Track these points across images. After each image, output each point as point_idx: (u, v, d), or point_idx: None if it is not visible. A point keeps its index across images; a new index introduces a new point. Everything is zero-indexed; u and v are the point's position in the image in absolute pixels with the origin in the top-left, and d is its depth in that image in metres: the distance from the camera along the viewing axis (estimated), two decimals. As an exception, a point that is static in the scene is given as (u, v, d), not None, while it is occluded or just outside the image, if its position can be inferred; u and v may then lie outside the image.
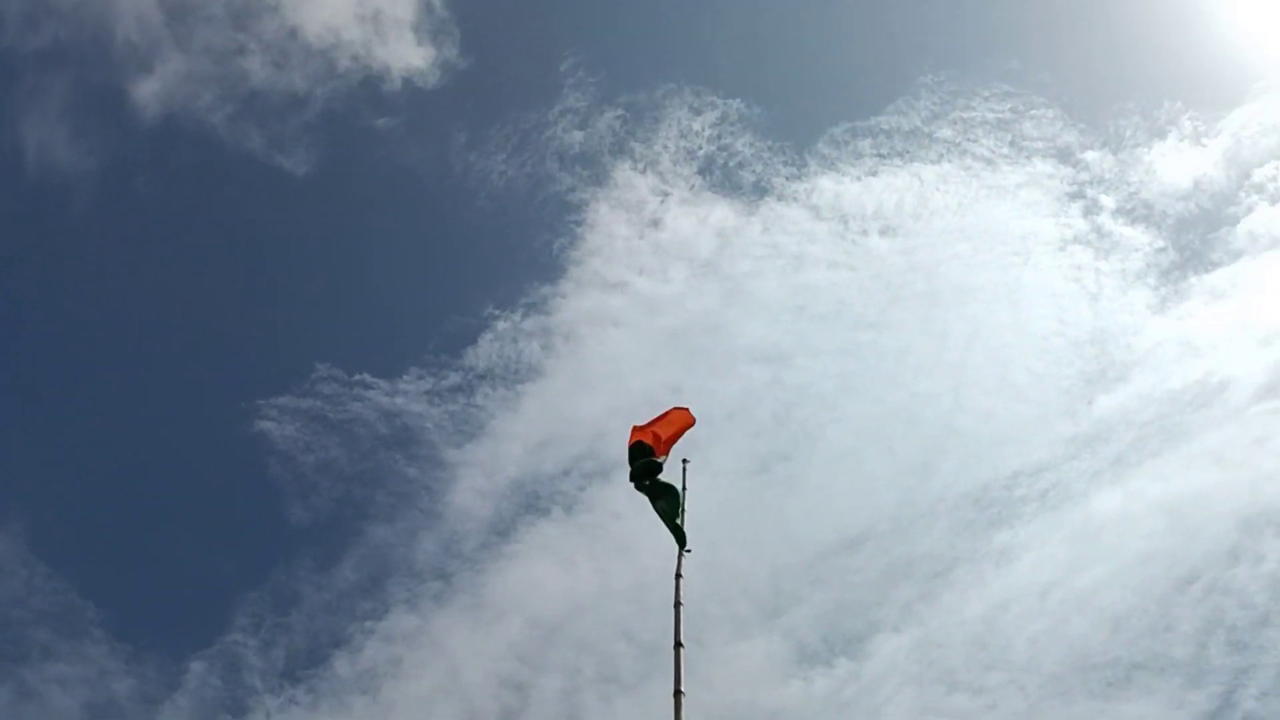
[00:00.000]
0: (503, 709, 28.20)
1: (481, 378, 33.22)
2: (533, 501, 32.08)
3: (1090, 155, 36.04)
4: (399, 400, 32.27)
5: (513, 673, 28.61)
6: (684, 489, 12.77)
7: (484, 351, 33.48)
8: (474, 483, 32.07)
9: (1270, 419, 31.00)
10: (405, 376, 32.82)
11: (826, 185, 36.03)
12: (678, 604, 10.95)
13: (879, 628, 29.39)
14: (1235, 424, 31.53)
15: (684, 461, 13.19)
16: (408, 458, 32.29)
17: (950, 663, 28.49)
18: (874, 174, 36.34)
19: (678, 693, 9.83)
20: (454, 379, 33.01)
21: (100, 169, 32.51)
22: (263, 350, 35.72)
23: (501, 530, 31.53)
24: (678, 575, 11.37)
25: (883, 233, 36.06)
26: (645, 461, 11.86)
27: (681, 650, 10.29)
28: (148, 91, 31.75)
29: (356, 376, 32.19)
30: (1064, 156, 36.11)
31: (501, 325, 33.93)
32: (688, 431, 13.03)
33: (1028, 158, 36.12)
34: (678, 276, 35.69)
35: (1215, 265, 34.56)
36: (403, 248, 36.79)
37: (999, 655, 28.63)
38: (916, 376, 35.00)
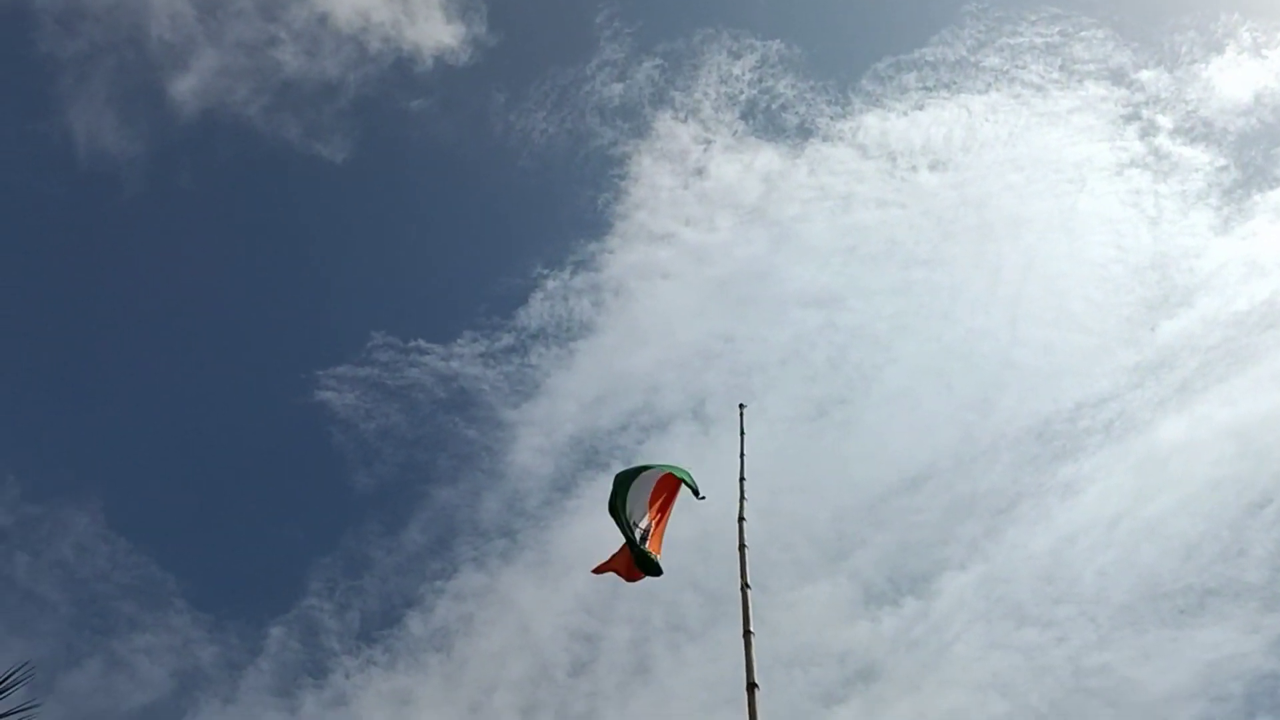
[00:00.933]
0: (574, 660, 28.72)
1: (534, 337, 33.48)
2: (592, 457, 32.40)
3: (1145, 75, 35.10)
4: (454, 364, 32.66)
5: (582, 625, 29.09)
6: (742, 434, 12.83)
7: (535, 311, 33.71)
8: (533, 441, 32.45)
9: (1342, 336, 30.20)
10: (459, 340, 33.19)
11: (872, 123, 35.49)
12: (742, 547, 11.08)
13: (945, 566, 29.41)
14: (1304, 343, 30.80)
15: (740, 406, 13.23)
16: (466, 420, 32.76)
17: (1018, 597, 28.46)
18: (920, 108, 35.71)
19: (747, 633, 9.99)
20: (507, 340, 33.32)
21: (146, 158, 33.00)
22: (318, 323, 36.33)
23: (563, 486, 31.93)
24: (740, 519, 11.49)
25: (932, 167, 35.49)
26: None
27: (749, 591, 10.44)
28: (185, 88, 32.06)
29: (411, 343, 32.58)
30: (1117, 78, 35.20)
31: (551, 284, 34.09)
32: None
33: (1079, 81, 35.25)
34: (724, 224, 35.53)
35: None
36: (449, 214, 37.08)
37: (1068, 588, 28.54)
38: (972, 312, 34.63)
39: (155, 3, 31.96)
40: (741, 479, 12.11)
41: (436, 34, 33.57)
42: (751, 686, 9.21)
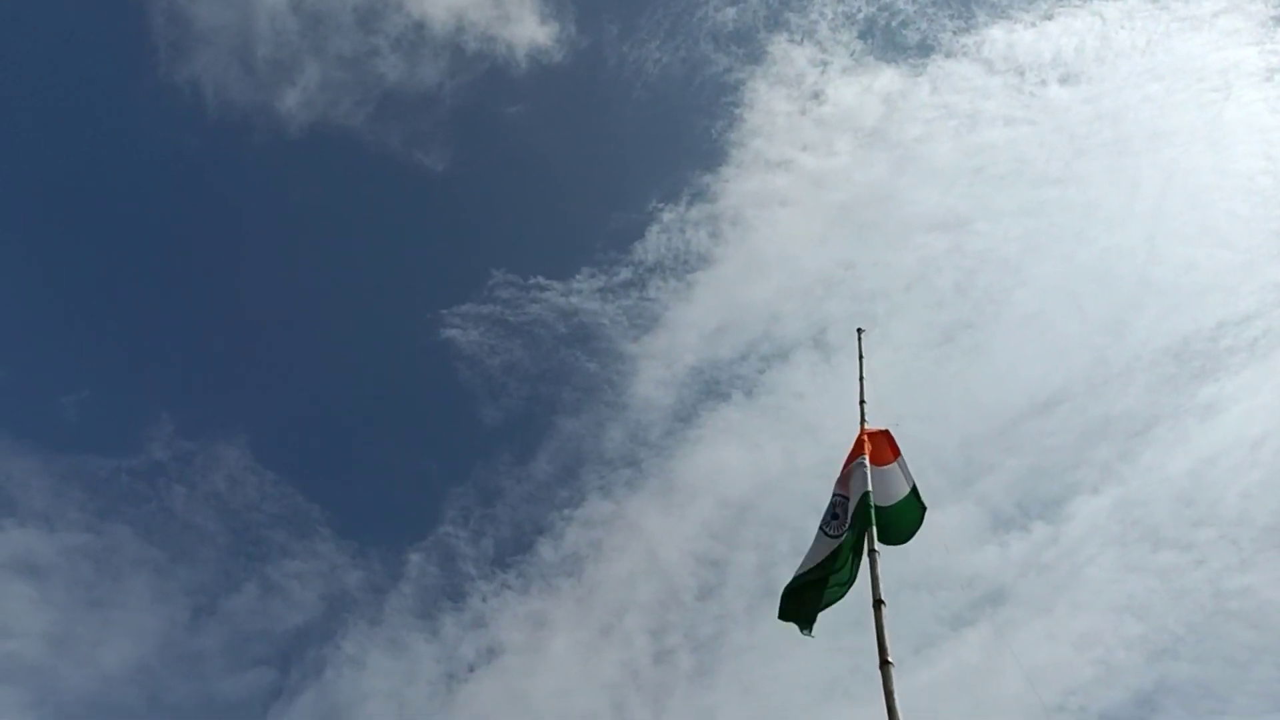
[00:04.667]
0: (701, 585, 29.48)
1: (652, 270, 33.82)
2: (713, 387, 32.78)
3: (1298, -30, 32.68)
4: (574, 299, 33.29)
5: (708, 551, 29.78)
6: (861, 358, 12.70)
7: (652, 245, 33.97)
8: (654, 373, 32.99)
9: None
10: (578, 276, 33.78)
11: (998, 35, 34.09)
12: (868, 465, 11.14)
13: (1077, 490, 28.94)
14: None
15: (859, 331, 13.12)
16: (588, 353, 33.47)
17: (1154, 520, 27.85)
18: (1049, 18, 34.09)
19: (872, 552, 10.22)
20: (625, 274, 33.73)
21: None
22: (441, 264, 37.40)
23: (684, 416, 32.45)
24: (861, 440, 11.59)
25: (1063, 81, 33.97)
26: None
27: (873, 511, 10.58)
28: (292, 102, 32.94)
29: (531, 280, 33.32)
30: (1267, -25, 32.90)
31: (668, 216, 34.25)
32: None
33: (1225, -19, 33.08)
34: (844, 149, 34.88)
35: None
36: (565, 150, 37.35)
37: (1207, 511, 27.74)
38: (1107, 231, 33.31)
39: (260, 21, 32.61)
40: (861, 402, 12.15)
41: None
42: (878, 604, 9.44)
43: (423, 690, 28.81)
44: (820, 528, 11.01)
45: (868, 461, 11.19)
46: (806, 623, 10.64)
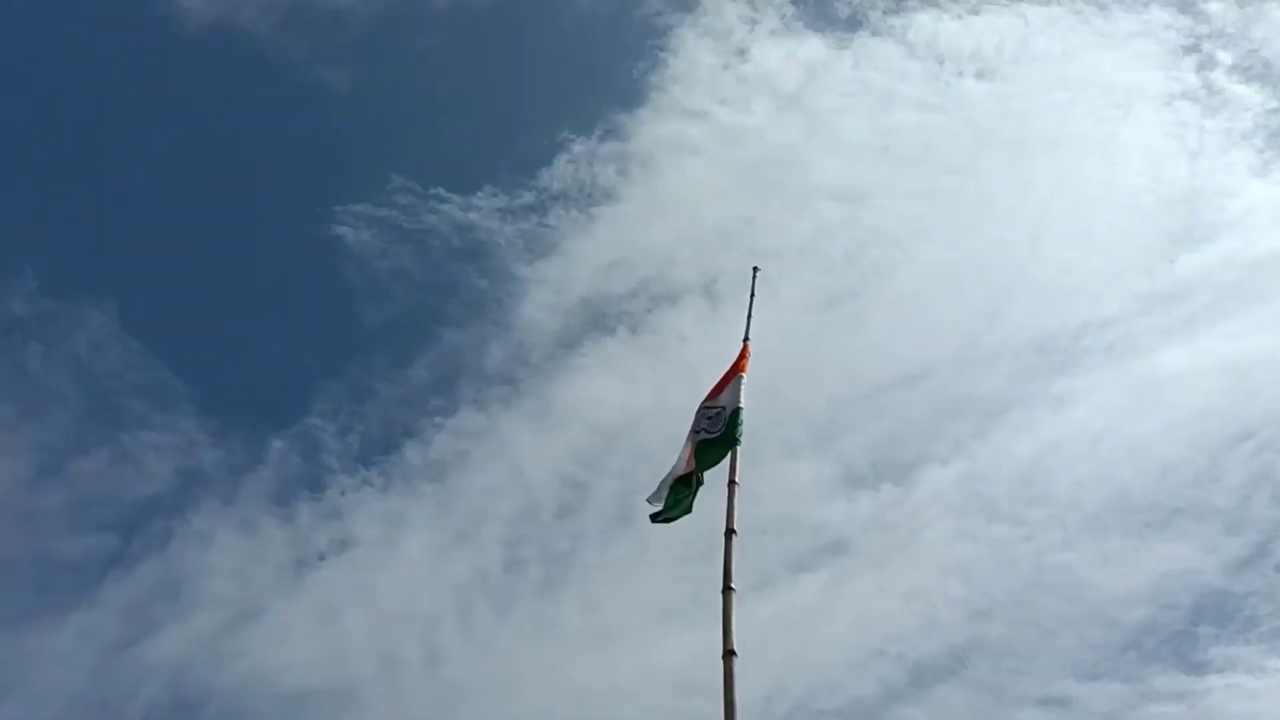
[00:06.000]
0: (561, 504, 30.13)
1: (555, 199, 33.73)
2: (600, 320, 33.17)
3: (1213, 6, 34.53)
4: (472, 215, 33.04)
5: (572, 473, 30.38)
6: (752, 296, 13.16)
7: (559, 173, 33.86)
8: (543, 298, 33.16)
9: (1353, 292, 30.53)
10: (479, 193, 33.46)
11: (925, 22, 34.94)
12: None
13: (928, 459, 30.40)
14: (1315, 292, 31.15)
15: (754, 269, 13.56)
16: (479, 270, 33.43)
17: (993, 495, 29.54)
18: (976, 12, 35.14)
19: (732, 482, 10.75)
20: (528, 198, 33.60)
21: None
22: (339, 159, 36.53)
23: (568, 344, 32.79)
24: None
25: (979, 75, 35.13)
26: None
27: (738, 448, 11.07)
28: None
29: (432, 190, 32.88)
30: (1184, 6, 34.70)
31: (578, 148, 34.13)
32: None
33: (1145, 5, 34.70)
34: (760, 109, 35.36)
35: (1326, 132, 33.24)
36: (480, 67, 36.65)
37: (1042, 492, 29.63)
38: (995, 224, 34.79)
39: None
40: (745, 338, 12.62)
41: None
42: (730, 533, 10.02)
43: (269, 572, 28.77)
44: (692, 431, 11.47)
45: (745, 379, 11.83)
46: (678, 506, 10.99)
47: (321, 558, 28.94)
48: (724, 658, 8.87)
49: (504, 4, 35.71)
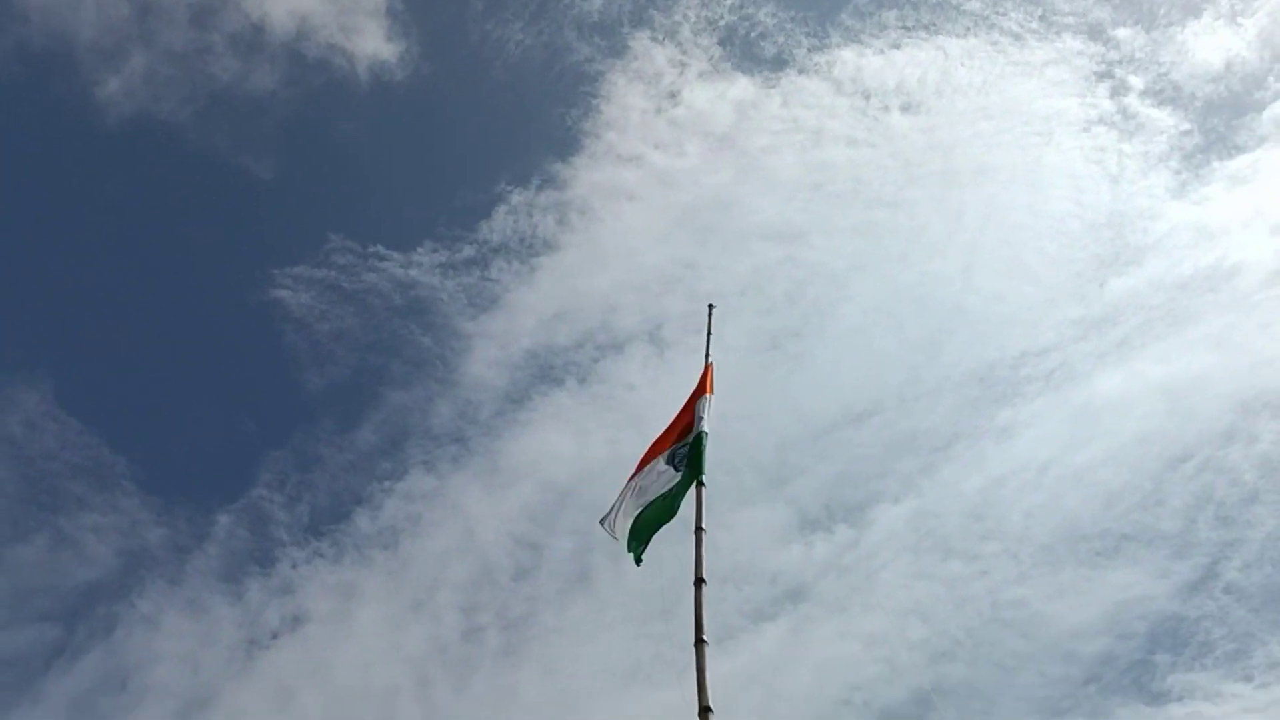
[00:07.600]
0: (517, 566, 29.54)
1: (496, 251, 33.62)
2: (547, 372, 32.88)
3: (1122, 33, 35.53)
4: (413, 272, 32.73)
5: (526, 533, 29.86)
6: (709, 335, 13.26)
7: (498, 225, 33.76)
8: (488, 353, 32.82)
9: (1276, 305, 31.38)
10: (419, 249, 33.25)
11: (849, 58, 35.58)
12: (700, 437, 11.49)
13: (880, 498, 30.53)
14: (1241, 309, 32.05)
15: (710, 306, 13.78)
16: (423, 327, 32.99)
17: (947, 532, 29.71)
18: (897, 46, 35.83)
19: (699, 530, 10.51)
20: (468, 252, 33.41)
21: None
22: (276, 221, 36.00)
23: (516, 399, 32.44)
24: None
25: (904, 109, 35.78)
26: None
27: (703, 490, 10.92)
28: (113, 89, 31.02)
29: (371, 248, 32.56)
30: (1095, 33, 35.60)
31: (516, 199, 34.10)
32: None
33: (1057, 33, 35.56)
34: (694, 151, 35.62)
35: (1239, 150, 34.48)
36: (414, 122, 36.57)
37: (994, 526, 29.85)
38: (929, 256, 35.28)
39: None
40: (707, 357, 12.72)
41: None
42: (699, 581, 9.70)
43: (220, 654, 27.77)
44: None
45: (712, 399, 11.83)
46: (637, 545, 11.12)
47: (274, 636, 28.09)
48: (700, 715, 8.45)
49: (430, 71, 35.60)
